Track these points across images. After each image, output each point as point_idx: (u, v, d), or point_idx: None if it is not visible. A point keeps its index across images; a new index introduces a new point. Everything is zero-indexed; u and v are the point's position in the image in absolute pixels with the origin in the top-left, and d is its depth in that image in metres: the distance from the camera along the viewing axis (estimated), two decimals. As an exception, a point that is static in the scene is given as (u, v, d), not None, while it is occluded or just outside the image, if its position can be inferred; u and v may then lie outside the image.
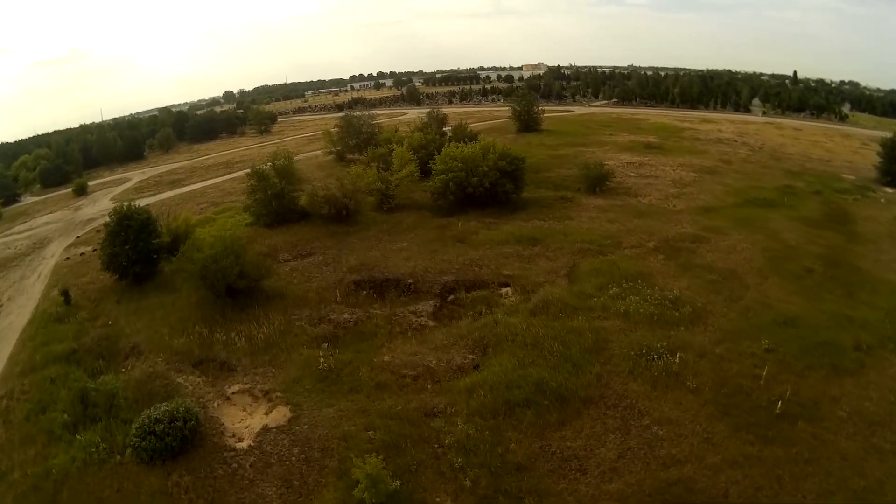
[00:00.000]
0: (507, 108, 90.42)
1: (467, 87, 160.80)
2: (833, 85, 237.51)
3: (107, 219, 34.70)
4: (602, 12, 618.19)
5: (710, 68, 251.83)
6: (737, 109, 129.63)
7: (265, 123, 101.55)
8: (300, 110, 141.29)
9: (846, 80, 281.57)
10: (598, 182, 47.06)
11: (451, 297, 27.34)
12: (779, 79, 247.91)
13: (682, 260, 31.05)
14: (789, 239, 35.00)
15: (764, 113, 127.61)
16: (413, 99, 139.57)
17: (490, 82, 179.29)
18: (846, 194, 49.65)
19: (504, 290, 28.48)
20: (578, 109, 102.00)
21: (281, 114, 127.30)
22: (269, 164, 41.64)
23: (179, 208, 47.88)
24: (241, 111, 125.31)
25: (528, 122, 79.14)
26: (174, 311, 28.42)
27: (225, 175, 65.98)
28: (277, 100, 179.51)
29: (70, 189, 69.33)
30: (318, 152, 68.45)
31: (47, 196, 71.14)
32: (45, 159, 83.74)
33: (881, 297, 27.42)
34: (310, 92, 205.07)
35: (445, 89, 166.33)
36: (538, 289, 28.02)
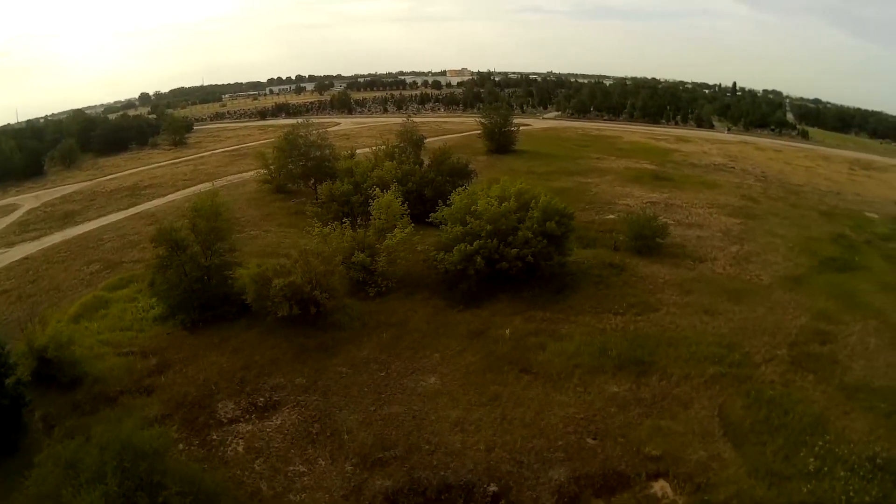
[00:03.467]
0: (458, 119, 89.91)
1: (396, 92, 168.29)
2: (767, 95, 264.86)
3: None
4: (521, 19, 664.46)
5: (630, 76, 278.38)
6: (700, 125, 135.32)
7: (180, 133, 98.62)
8: (218, 116, 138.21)
9: (769, 89, 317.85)
10: (649, 240, 41.44)
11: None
12: (702, 87, 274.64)
13: (833, 377, 26.21)
14: None
15: (729, 129, 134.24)
16: (344, 106, 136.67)
17: (417, 87, 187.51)
18: (891, 241, 50.39)
19: (657, 485, 19.65)
20: (536, 123, 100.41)
21: (198, 120, 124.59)
22: (192, 206, 31.81)
23: (60, 275, 39.62)
24: (155, 116, 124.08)
25: (501, 142, 74.49)
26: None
27: (129, 208, 57.40)
28: (194, 103, 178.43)
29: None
30: (246, 175, 63.38)
31: None
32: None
33: None
34: (227, 95, 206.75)
35: (373, 95, 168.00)
36: (701, 473, 19.84)
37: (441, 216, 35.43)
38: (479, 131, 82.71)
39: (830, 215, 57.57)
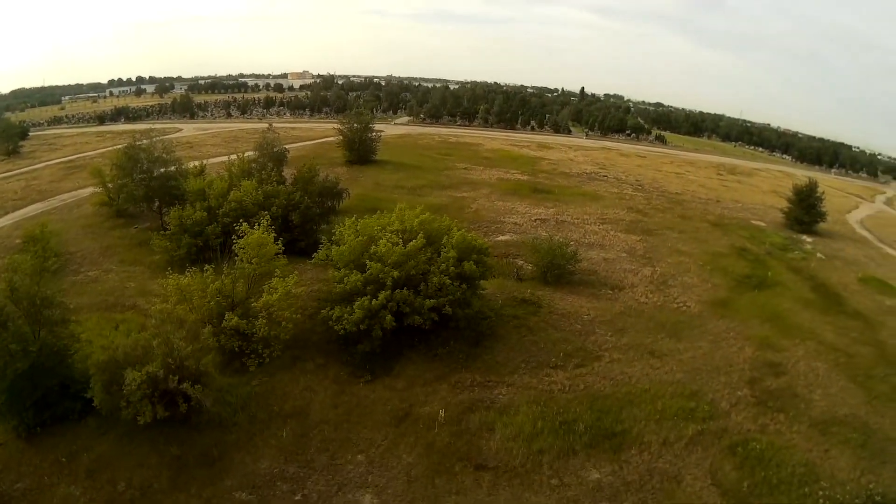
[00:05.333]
0: (306, 125, 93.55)
1: (239, 95, 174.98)
2: (609, 99, 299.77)
3: None
4: (364, 21, 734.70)
5: (471, 80, 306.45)
6: (557, 130, 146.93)
7: (13, 141, 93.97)
8: (56, 121, 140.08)
9: (611, 94, 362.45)
10: (563, 269, 41.37)
11: None
12: (543, 91, 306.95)
13: (801, 414, 28.97)
14: (838, 343, 37.53)
15: (587, 135, 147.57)
16: (185, 109, 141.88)
17: (259, 90, 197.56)
18: (788, 251, 58.51)
19: None
20: (389, 129, 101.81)
21: (35, 125, 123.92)
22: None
23: None
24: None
25: (361, 151, 75.09)
26: None
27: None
28: (34, 106, 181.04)
29: None
30: (83, 192, 60.25)
31: None
32: None
33: None
34: (67, 97, 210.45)
35: (215, 98, 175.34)
36: None
37: (330, 257, 31.27)
38: (332, 138, 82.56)
39: (721, 226, 64.65)
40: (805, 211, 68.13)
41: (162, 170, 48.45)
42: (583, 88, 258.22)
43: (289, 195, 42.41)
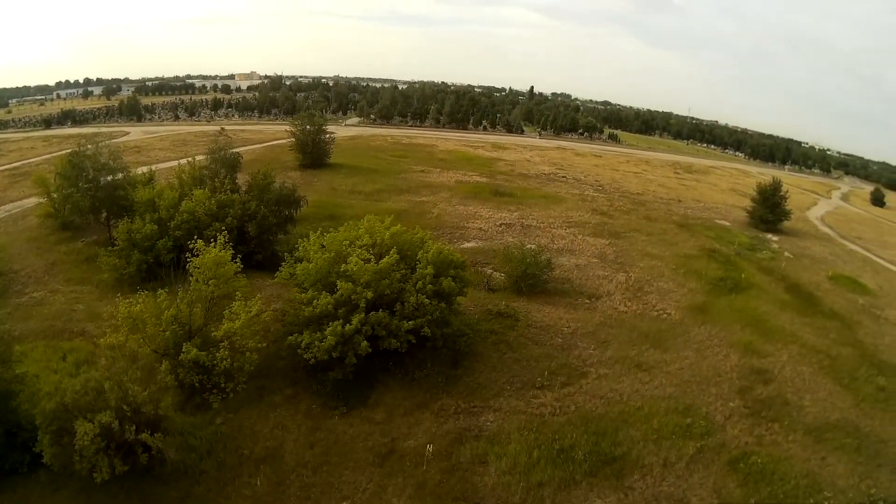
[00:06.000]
0: (255, 126, 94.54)
1: (187, 97, 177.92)
2: (557, 98, 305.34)
3: None
4: (313, 22, 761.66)
5: (422, 80, 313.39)
6: (510, 130, 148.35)
7: None
8: (2, 125, 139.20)
9: (558, 92, 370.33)
10: (538, 279, 40.92)
11: None
12: (489, 90, 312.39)
13: (795, 422, 29.61)
14: (820, 345, 38.72)
15: (540, 134, 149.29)
16: (133, 112, 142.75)
17: (207, 92, 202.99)
18: (757, 251, 60.24)
19: None
20: (340, 130, 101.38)
21: None
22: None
23: None
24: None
25: (315, 155, 74.81)
26: None
27: None
28: None
29: None
30: (29, 201, 58.70)
31: None
32: None
33: None
34: (14, 100, 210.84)
35: (162, 100, 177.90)
36: None
37: (294, 275, 29.47)
38: (282, 140, 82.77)
39: (687, 227, 65.80)
40: (769, 210, 70.01)
41: (109, 178, 46.45)
42: (532, 88, 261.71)
43: (244, 204, 40.65)
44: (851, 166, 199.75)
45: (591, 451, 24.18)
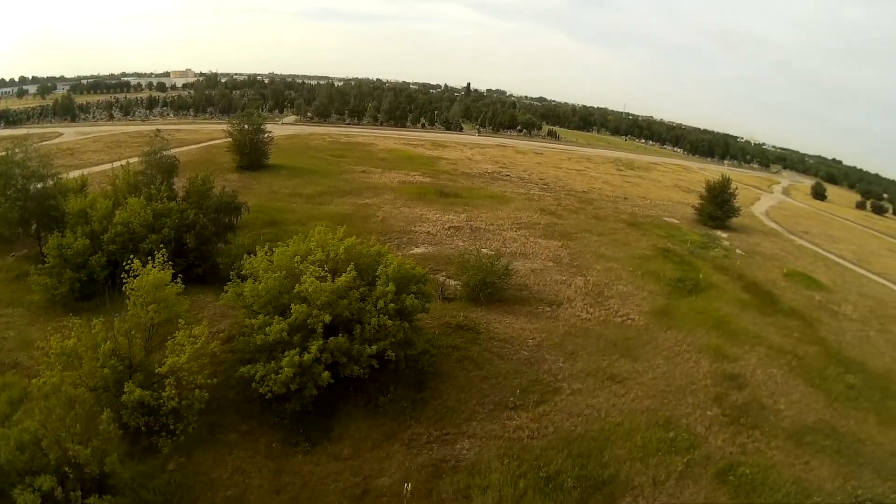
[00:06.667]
0: (191, 126, 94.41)
1: (122, 95, 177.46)
2: (492, 94, 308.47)
3: None
4: (247, 19, 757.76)
5: (358, 77, 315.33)
6: (448, 128, 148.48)
7: None
8: None
9: (493, 89, 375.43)
10: (492, 287, 40.04)
11: None
12: (424, 86, 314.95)
13: (774, 427, 30.38)
14: (785, 345, 39.93)
15: (479, 132, 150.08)
16: (67, 112, 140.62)
17: (142, 90, 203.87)
18: (709, 249, 61.83)
19: None
20: (277, 129, 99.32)
21: None
22: None
23: None
24: None
25: (253, 156, 73.82)
26: None
27: None
28: None
29: None
30: None
31: None
32: None
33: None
34: None
35: (97, 99, 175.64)
36: None
37: (241, 296, 27.04)
38: (219, 140, 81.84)
39: (637, 226, 66.93)
40: (718, 207, 71.86)
41: (39, 185, 43.26)
42: (469, 84, 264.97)
43: (181, 213, 38.23)
44: (789, 160, 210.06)
45: (578, 476, 23.25)
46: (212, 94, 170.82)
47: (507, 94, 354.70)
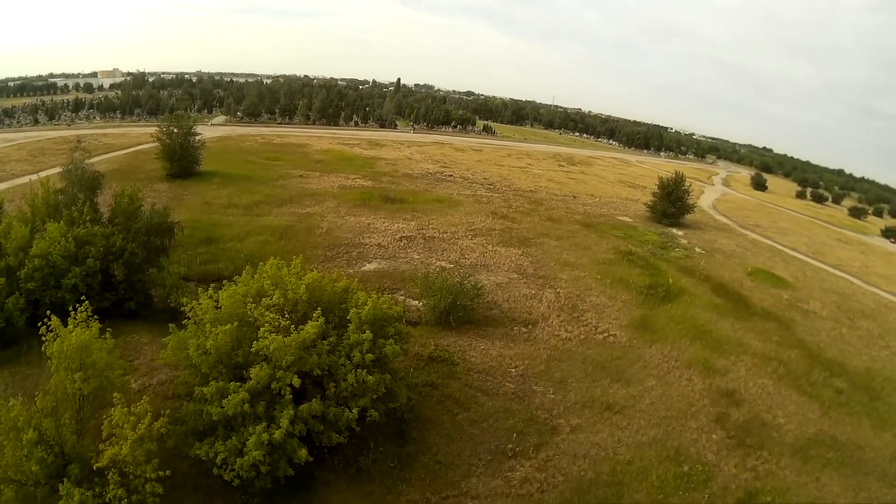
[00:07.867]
0: (118, 130, 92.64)
1: (48, 98, 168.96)
2: (421, 89, 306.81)
3: None
4: (173, 15, 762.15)
5: (285, 74, 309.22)
6: (382, 125, 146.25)
7: None
8: None
9: (422, 84, 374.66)
10: (463, 310, 37.67)
11: None
12: (352, 82, 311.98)
13: (779, 444, 30.27)
14: (767, 352, 40.07)
15: (413, 129, 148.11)
16: None
17: (69, 91, 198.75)
18: (669, 250, 61.76)
19: None
20: (207, 131, 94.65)
21: None
22: None
23: None
24: None
25: (184, 163, 69.62)
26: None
27: None
28: None
29: None
30: None
31: None
32: None
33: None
34: None
35: (23, 102, 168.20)
36: None
37: (185, 350, 22.75)
38: (147, 145, 78.01)
39: (593, 227, 66.23)
40: (672, 204, 71.84)
41: None
42: (399, 80, 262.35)
43: (107, 239, 33.29)
44: (722, 150, 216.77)
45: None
46: (139, 95, 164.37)
47: (436, 88, 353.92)
